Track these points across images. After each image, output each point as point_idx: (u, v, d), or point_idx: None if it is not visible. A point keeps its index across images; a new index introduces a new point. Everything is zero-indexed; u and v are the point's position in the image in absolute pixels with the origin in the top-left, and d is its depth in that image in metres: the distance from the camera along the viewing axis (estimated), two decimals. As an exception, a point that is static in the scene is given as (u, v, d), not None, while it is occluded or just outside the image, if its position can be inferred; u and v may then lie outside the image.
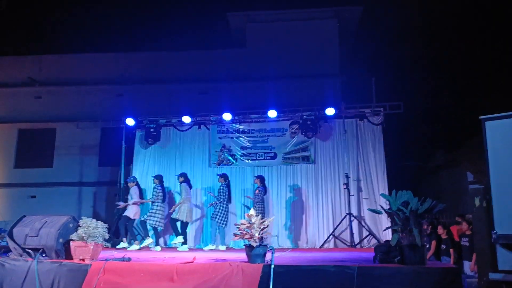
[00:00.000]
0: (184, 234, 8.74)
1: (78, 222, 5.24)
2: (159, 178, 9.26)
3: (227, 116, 10.41)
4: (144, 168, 10.93)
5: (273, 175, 10.25)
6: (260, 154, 10.54)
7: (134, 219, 9.23)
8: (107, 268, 4.87)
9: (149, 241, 8.86)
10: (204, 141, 10.87)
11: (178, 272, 4.83)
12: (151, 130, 10.65)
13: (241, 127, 10.72)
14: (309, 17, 13.96)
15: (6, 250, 5.42)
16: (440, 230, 8.32)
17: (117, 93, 13.87)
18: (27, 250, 5.18)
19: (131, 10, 16.79)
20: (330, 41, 13.61)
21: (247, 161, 10.54)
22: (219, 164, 10.65)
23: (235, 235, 5.22)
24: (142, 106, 12.63)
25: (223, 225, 8.81)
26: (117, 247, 8.88)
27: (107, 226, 5.39)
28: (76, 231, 5.14)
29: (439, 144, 13.73)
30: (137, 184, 9.49)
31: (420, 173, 14.33)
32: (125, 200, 9.72)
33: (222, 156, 10.68)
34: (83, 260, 5.02)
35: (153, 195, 9.07)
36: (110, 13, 16.68)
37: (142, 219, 9.21)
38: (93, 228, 5.14)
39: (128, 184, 9.53)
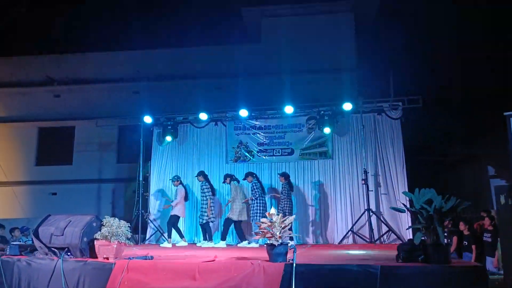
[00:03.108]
0: (226, 231, 8.88)
1: (102, 221, 5.32)
2: (202, 175, 9.34)
3: (243, 113, 10.41)
4: (162, 165, 11.02)
5: (291, 171, 10.18)
6: (277, 150, 10.53)
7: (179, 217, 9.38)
8: (130, 266, 4.94)
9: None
10: (221, 137, 10.89)
11: (200, 271, 4.87)
12: (169, 127, 10.73)
13: (257, 123, 10.71)
14: (324, 11, 13.80)
15: (32, 249, 5.53)
16: (461, 226, 8.21)
17: (134, 91, 13.98)
18: (53, 249, 5.28)
19: (146, 8, 16.85)
20: (347, 34, 13.46)
21: (264, 157, 10.54)
22: (236, 161, 10.68)
23: (256, 233, 5.23)
24: (159, 103, 12.69)
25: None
26: (162, 245, 9.02)
27: (129, 225, 5.46)
28: (100, 230, 5.22)
29: (459, 138, 13.52)
30: (181, 183, 9.60)
31: (440, 167, 14.14)
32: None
33: (239, 152, 10.70)
34: (107, 258, 5.10)
35: (201, 193, 9.18)
36: (125, 12, 16.75)
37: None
38: (116, 227, 5.21)
39: (173, 183, 9.63)
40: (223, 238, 8.89)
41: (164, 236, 9.91)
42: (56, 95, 14.30)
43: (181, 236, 9.34)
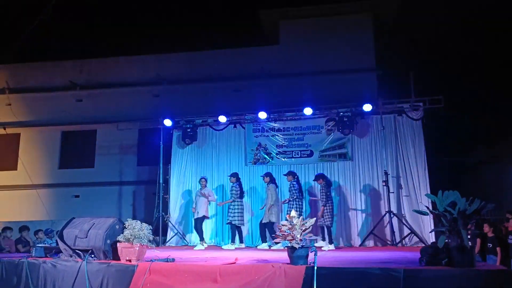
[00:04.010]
0: (264, 233, 8.91)
1: (124, 224, 5.39)
2: (235, 176, 9.40)
3: (262, 115, 10.44)
4: (182, 168, 11.13)
5: (310, 173, 10.16)
6: (296, 152, 10.51)
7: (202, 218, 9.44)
8: (152, 268, 4.99)
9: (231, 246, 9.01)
10: (239, 140, 10.94)
11: (221, 273, 4.88)
12: (188, 130, 10.83)
13: (276, 125, 10.71)
14: (342, 12, 13.68)
15: (57, 251, 5.64)
16: (486, 228, 8.06)
17: (154, 94, 14.15)
18: (77, 251, 5.38)
19: (165, 12, 17.07)
20: (365, 35, 13.32)
21: (283, 159, 10.53)
22: (255, 163, 10.70)
23: (276, 236, 5.22)
24: (178, 106, 12.83)
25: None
26: (195, 248, 9.02)
27: (151, 228, 5.52)
28: (122, 233, 5.29)
29: (481, 139, 13.24)
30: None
31: (462, 169, 13.89)
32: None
33: (258, 154, 10.71)
34: (130, 261, 5.16)
35: (231, 194, 9.26)
36: (145, 16, 17.03)
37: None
38: (138, 229, 5.27)
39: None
40: (265, 240, 8.85)
41: (185, 239, 10.01)
42: (79, 100, 14.57)
43: (202, 238, 9.40)
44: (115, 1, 16.56)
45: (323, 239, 8.76)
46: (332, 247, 8.44)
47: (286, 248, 5.03)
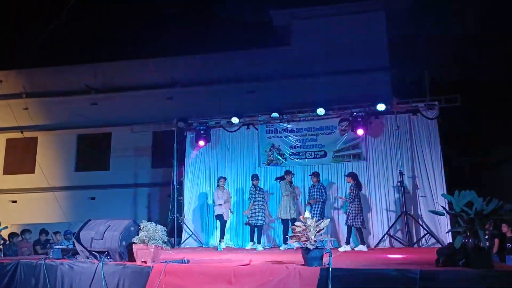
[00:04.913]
0: (286, 233, 8.89)
1: (139, 226, 5.43)
2: (258, 179, 9.44)
3: (275, 116, 10.42)
4: (195, 169, 11.17)
5: (324, 173, 10.11)
6: (310, 152, 10.47)
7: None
8: (167, 270, 5.02)
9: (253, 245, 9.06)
10: (253, 141, 10.94)
11: (236, 274, 4.89)
12: (201, 132, 10.87)
13: (289, 126, 10.69)
14: (355, 11, 13.59)
15: (74, 253, 5.72)
16: (504, 228, 7.90)
17: (167, 97, 14.26)
18: (93, 252, 5.44)
19: (178, 15, 17.17)
20: (379, 33, 13.21)
21: (296, 160, 10.50)
22: (268, 164, 10.69)
23: (291, 237, 5.21)
24: (191, 108, 12.91)
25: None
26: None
27: (166, 229, 5.55)
28: (137, 234, 5.33)
29: (499, 138, 12.98)
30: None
31: (479, 168, 13.65)
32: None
33: (272, 155, 10.70)
34: (145, 262, 5.20)
35: (255, 195, 9.30)
36: (156, 21, 17.17)
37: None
38: (153, 231, 5.31)
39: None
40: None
41: (200, 241, 10.04)
42: (93, 103, 14.78)
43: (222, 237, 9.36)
44: (129, 6, 16.76)
45: (347, 242, 8.57)
46: (365, 248, 8.31)
47: (300, 249, 5.01)
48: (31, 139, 14.69)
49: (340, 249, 8.28)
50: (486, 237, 4.52)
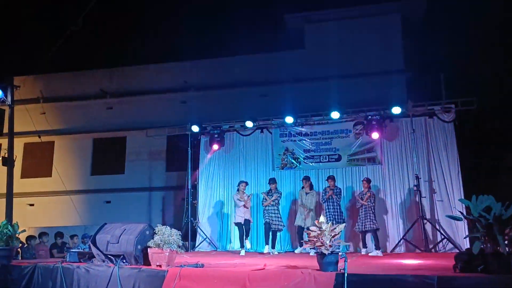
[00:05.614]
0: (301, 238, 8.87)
1: (154, 230, 5.46)
2: (276, 183, 9.35)
3: (289, 120, 10.40)
4: (210, 173, 11.21)
5: (338, 177, 10.00)
6: (324, 156, 10.42)
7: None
8: (182, 274, 5.03)
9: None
10: (267, 145, 10.94)
11: (250, 279, 4.87)
12: (215, 136, 10.90)
13: (303, 129, 10.65)
14: (369, 13, 13.54)
15: (90, 256, 5.77)
16: (524, 233, 7.71)
17: (181, 101, 14.35)
18: (109, 256, 5.48)
19: (191, 20, 17.33)
20: (394, 36, 13.12)
21: (311, 164, 10.46)
22: (282, 168, 10.67)
23: (305, 242, 5.17)
24: (205, 112, 12.96)
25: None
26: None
27: (180, 233, 5.57)
28: (153, 238, 5.36)
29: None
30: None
31: (497, 172, 13.40)
32: None
33: (286, 159, 10.68)
34: (160, 266, 5.22)
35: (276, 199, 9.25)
36: (171, 25, 17.33)
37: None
38: (168, 235, 5.32)
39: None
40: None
41: (214, 245, 10.04)
42: (109, 107, 14.97)
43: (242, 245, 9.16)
44: (143, 12, 16.96)
45: (364, 246, 8.58)
46: (380, 253, 8.28)
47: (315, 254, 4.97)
48: (48, 143, 14.91)
49: (371, 254, 8.28)
50: (506, 242, 4.42)
